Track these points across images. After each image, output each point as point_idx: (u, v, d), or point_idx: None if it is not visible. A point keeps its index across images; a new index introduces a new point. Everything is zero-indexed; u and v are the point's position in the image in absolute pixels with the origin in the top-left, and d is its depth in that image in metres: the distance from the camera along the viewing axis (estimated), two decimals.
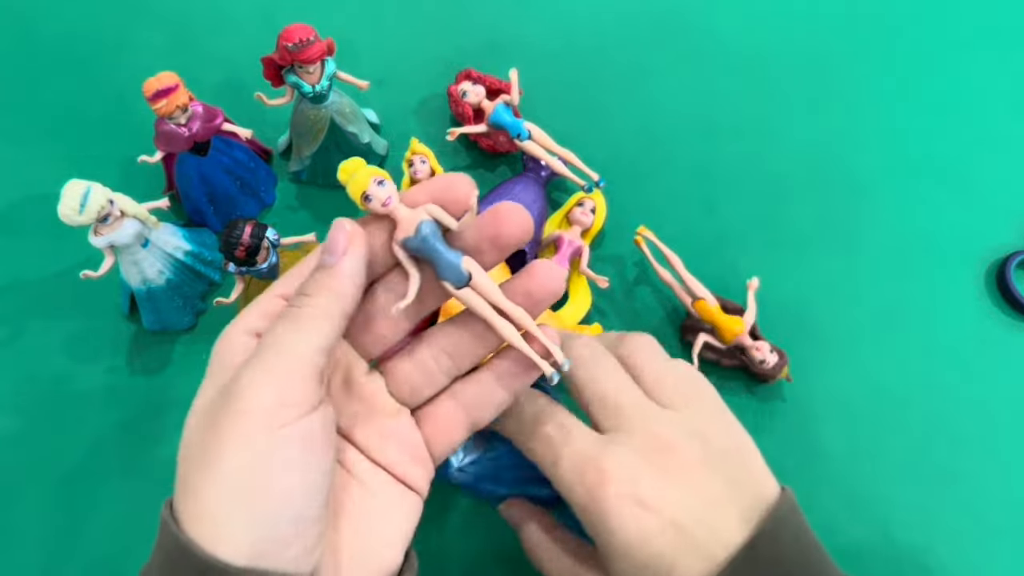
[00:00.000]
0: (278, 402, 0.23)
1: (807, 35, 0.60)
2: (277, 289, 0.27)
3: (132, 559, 0.42)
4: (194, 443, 0.24)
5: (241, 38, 0.58)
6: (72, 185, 0.39)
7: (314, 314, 0.25)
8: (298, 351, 0.24)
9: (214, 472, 0.22)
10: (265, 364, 0.24)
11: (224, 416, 0.23)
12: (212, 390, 0.25)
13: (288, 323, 0.25)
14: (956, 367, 0.47)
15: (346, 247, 0.26)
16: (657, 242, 0.47)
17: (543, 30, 0.60)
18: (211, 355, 0.26)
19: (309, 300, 0.25)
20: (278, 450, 0.23)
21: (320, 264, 0.26)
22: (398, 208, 0.27)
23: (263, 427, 0.23)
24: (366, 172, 0.27)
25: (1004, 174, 0.54)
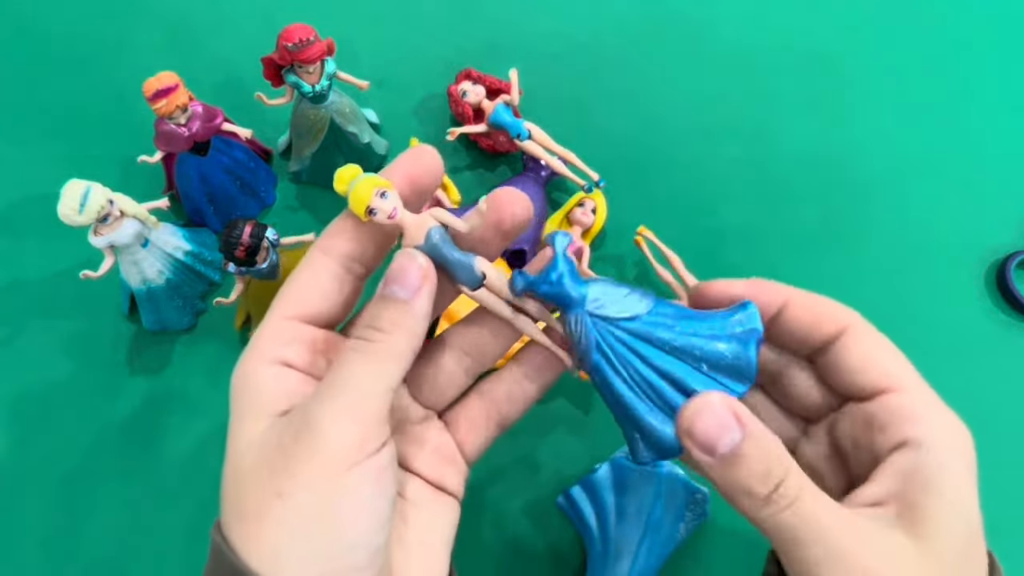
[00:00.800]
0: (355, 442, 0.23)
1: (807, 35, 0.60)
2: (283, 310, 0.26)
3: (132, 559, 0.43)
4: (255, 474, 0.23)
5: (241, 38, 0.58)
6: (72, 185, 0.39)
7: (389, 352, 0.24)
8: (373, 389, 0.23)
9: (285, 505, 0.22)
10: (345, 403, 0.23)
11: (299, 451, 0.22)
12: (257, 423, 0.24)
13: (363, 360, 0.24)
14: (956, 367, 0.47)
15: (420, 284, 0.25)
16: (657, 242, 0.47)
17: (543, 30, 0.59)
18: (232, 389, 0.25)
19: (383, 337, 0.24)
20: (352, 488, 0.22)
21: (387, 296, 0.25)
22: (405, 217, 0.26)
23: (341, 465, 0.22)
24: (367, 185, 0.25)
25: (1004, 174, 0.54)
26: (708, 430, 0.23)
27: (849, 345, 0.26)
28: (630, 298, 0.25)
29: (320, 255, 0.26)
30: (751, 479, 0.22)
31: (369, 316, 0.25)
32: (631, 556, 0.40)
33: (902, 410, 0.24)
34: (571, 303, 0.25)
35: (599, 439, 0.45)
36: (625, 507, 0.41)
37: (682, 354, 0.25)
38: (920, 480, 0.23)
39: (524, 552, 0.43)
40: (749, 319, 0.25)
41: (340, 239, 0.26)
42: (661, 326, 0.25)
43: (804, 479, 0.23)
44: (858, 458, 0.26)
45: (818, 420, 0.28)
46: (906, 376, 0.25)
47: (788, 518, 0.22)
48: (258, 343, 0.26)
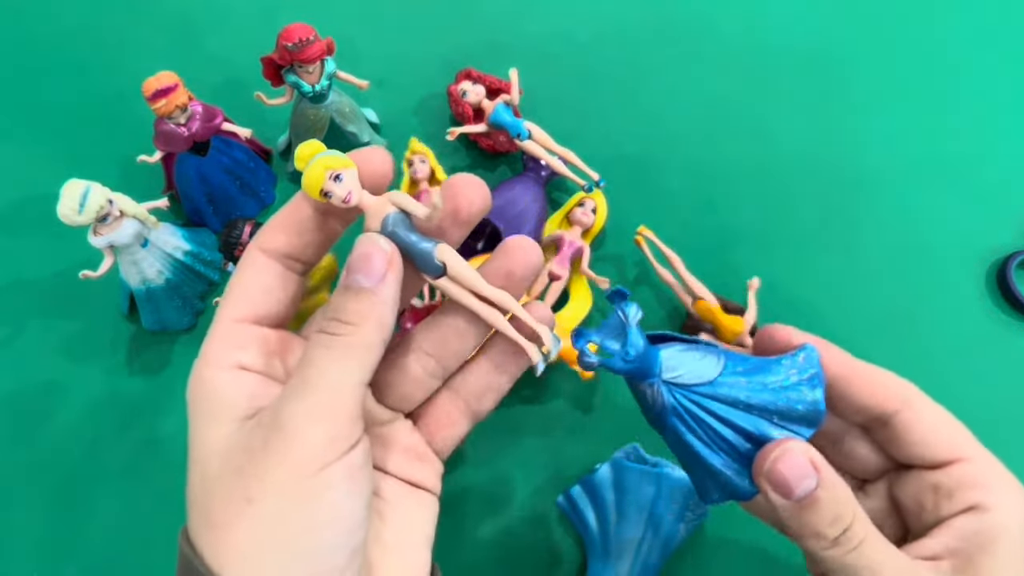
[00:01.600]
0: (327, 441, 0.22)
1: (807, 35, 0.60)
2: (231, 313, 0.25)
3: (131, 558, 0.43)
4: (223, 480, 0.23)
5: (241, 38, 0.58)
6: (71, 185, 0.39)
7: (357, 345, 0.23)
8: (344, 386, 0.23)
9: (256, 511, 0.22)
10: (311, 401, 0.22)
11: (266, 455, 0.22)
12: (220, 427, 0.24)
13: (330, 355, 0.23)
14: (957, 367, 0.47)
15: (385, 271, 0.24)
16: (657, 242, 0.47)
17: (543, 30, 0.59)
18: (190, 397, 0.25)
19: (351, 330, 0.23)
20: (326, 488, 0.22)
21: (351, 285, 0.24)
22: (363, 200, 0.25)
23: (313, 466, 0.22)
24: (320, 166, 0.24)
25: (1005, 174, 0.54)
26: (787, 475, 0.24)
27: (912, 421, 0.27)
28: (703, 362, 0.26)
29: (259, 253, 0.26)
30: (822, 523, 0.24)
31: (334, 308, 0.24)
32: (631, 556, 0.40)
33: (969, 479, 0.26)
34: (647, 374, 0.25)
35: (599, 439, 0.45)
36: (625, 507, 0.41)
37: (755, 410, 0.25)
38: (981, 540, 0.25)
39: (524, 552, 0.43)
40: (811, 362, 0.26)
41: (279, 236, 0.26)
42: (735, 386, 0.26)
43: (869, 525, 0.24)
44: (921, 518, 0.27)
45: (874, 480, 0.30)
46: (970, 446, 0.27)
47: (852, 559, 0.24)
48: (210, 348, 0.25)
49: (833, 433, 0.30)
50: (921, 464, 0.27)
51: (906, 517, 0.28)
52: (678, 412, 0.26)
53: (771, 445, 0.25)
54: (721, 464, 0.26)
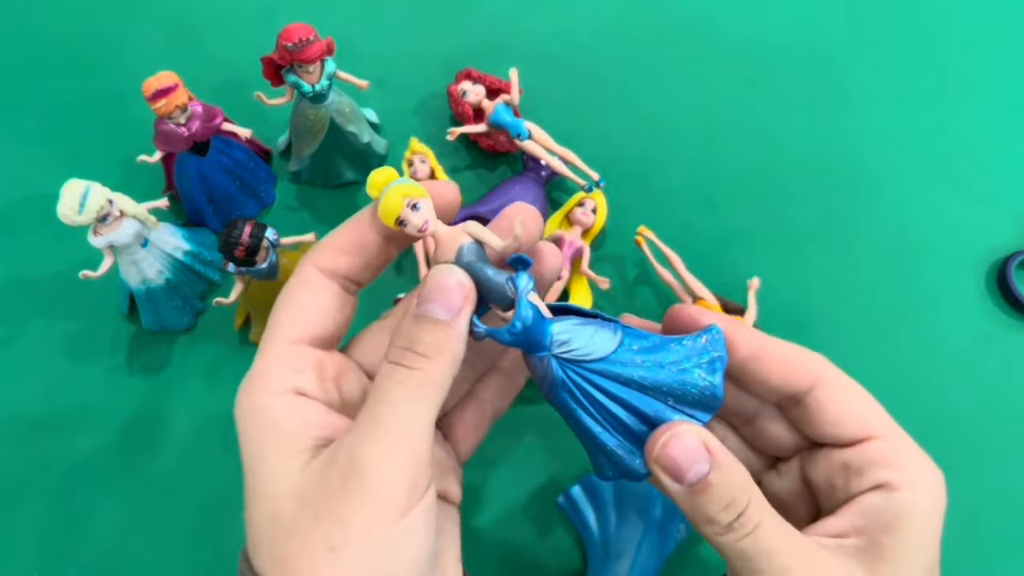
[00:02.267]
0: (409, 488, 0.22)
1: (808, 35, 0.60)
2: (287, 333, 0.25)
3: (132, 559, 0.43)
4: (300, 525, 0.22)
5: (241, 38, 0.58)
6: (71, 185, 0.39)
7: (431, 381, 0.23)
8: (419, 427, 0.22)
9: (339, 560, 0.21)
10: (393, 443, 0.22)
11: (349, 499, 0.21)
12: (288, 462, 0.23)
13: (406, 392, 0.22)
14: (957, 367, 0.47)
15: (462, 304, 0.23)
16: (657, 242, 0.47)
17: (543, 30, 0.59)
18: (244, 423, 0.24)
19: (425, 364, 0.23)
20: (407, 535, 0.22)
21: (425, 315, 0.23)
22: (438, 230, 0.24)
23: (395, 513, 0.21)
24: (398, 194, 0.24)
25: (1005, 174, 0.54)
26: (678, 459, 0.23)
27: (824, 399, 0.26)
28: (597, 337, 0.25)
29: (317, 273, 0.25)
30: (715, 508, 0.23)
31: (406, 338, 0.23)
32: (631, 556, 0.40)
33: (879, 457, 0.25)
34: (537, 348, 0.24)
35: None
36: (625, 507, 0.41)
37: (649, 391, 0.24)
38: (887, 519, 0.24)
39: (524, 552, 0.43)
40: (714, 345, 0.25)
41: (340, 258, 0.25)
42: (628, 364, 0.24)
43: (765, 508, 0.23)
44: (831, 497, 0.26)
45: (787, 459, 0.29)
46: (882, 423, 0.26)
47: (748, 545, 0.23)
48: (266, 369, 0.24)
49: (746, 412, 0.29)
50: (833, 442, 0.26)
51: (818, 496, 0.27)
52: (568, 388, 0.25)
53: (661, 428, 0.24)
54: (614, 445, 0.25)
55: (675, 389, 0.24)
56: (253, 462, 0.23)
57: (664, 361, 0.25)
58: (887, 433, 0.26)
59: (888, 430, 0.26)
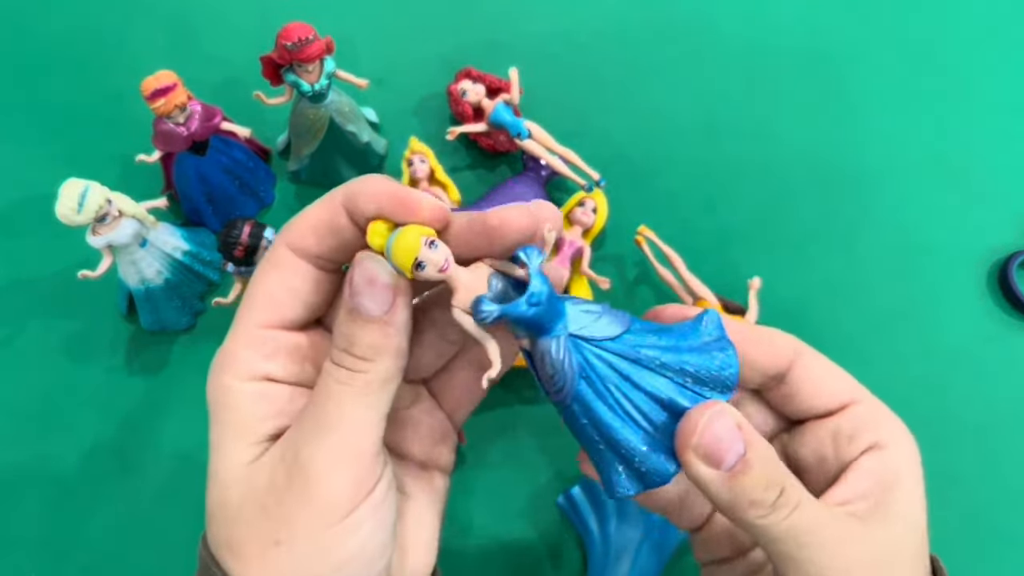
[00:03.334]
0: (352, 486, 0.22)
1: (808, 35, 0.60)
2: (257, 317, 0.24)
3: (131, 559, 0.42)
4: (246, 515, 0.22)
5: (240, 37, 0.57)
6: (70, 184, 0.39)
7: (375, 380, 0.22)
8: (365, 426, 0.22)
9: (285, 553, 0.21)
10: (337, 443, 0.22)
11: (293, 497, 0.21)
12: (241, 450, 0.23)
13: (350, 393, 0.22)
14: (958, 367, 0.47)
15: (394, 296, 0.22)
16: (658, 242, 0.47)
17: (543, 29, 0.59)
18: (211, 403, 0.23)
19: (367, 366, 0.22)
20: (352, 530, 0.22)
21: (358, 312, 0.22)
22: (458, 272, 0.22)
23: (339, 513, 0.21)
24: (415, 233, 0.21)
25: (1006, 174, 0.54)
26: (715, 443, 0.22)
27: (804, 374, 0.27)
28: (605, 318, 0.23)
29: (288, 253, 0.24)
30: (757, 488, 0.22)
31: (345, 339, 0.22)
32: (631, 556, 0.40)
33: (865, 419, 0.26)
34: (551, 327, 0.22)
35: None
36: (626, 507, 0.41)
37: (669, 371, 0.23)
38: (886, 477, 0.25)
39: (524, 552, 0.42)
40: (716, 327, 0.24)
41: (311, 237, 0.24)
42: (644, 345, 0.23)
43: (799, 483, 0.23)
44: (822, 470, 0.26)
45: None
46: (858, 389, 0.27)
47: (793, 522, 0.22)
48: (234, 352, 0.24)
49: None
50: (817, 414, 0.27)
51: (805, 474, 0.27)
52: (587, 375, 0.23)
53: (695, 411, 0.22)
54: (637, 440, 0.23)
55: (694, 369, 0.23)
56: (213, 444, 0.23)
57: (678, 343, 0.24)
58: (864, 398, 0.27)
59: (865, 395, 0.27)
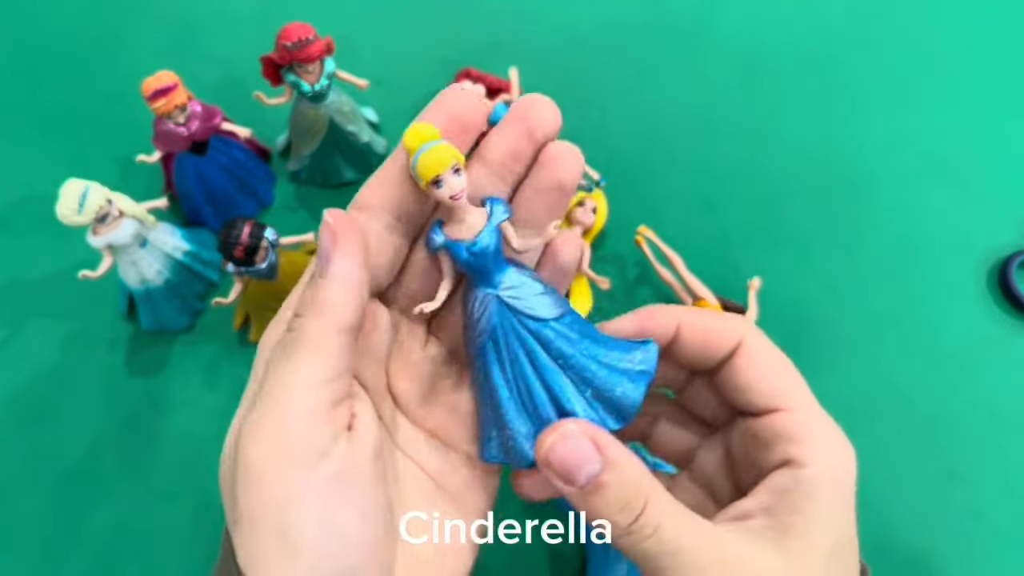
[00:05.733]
0: (281, 459, 0.21)
1: (808, 35, 0.60)
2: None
3: (131, 559, 0.42)
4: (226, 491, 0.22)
5: (240, 37, 0.58)
6: (70, 185, 0.39)
7: (306, 340, 0.22)
8: (295, 391, 0.21)
9: (248, 533, 0.21)
10: (259, 414, 0.21)
11: (237, 480, 0.21)
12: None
13: (281, 356, 0.22)
14: (958, 367, 0.47)
15: (332, 249, 0.22)
16: (658, 242, 0.47)
17: (543, 29, 0.59)
18: (257, 355, 0.24)
19: (300, 323, 0.22)
20: (300, 514, 0.21)
21: (313, 272, 0.22)
22: (466, 207, 0.23)
23: (272, 491, 0.21)
24: (447, 153, 0.22)
25: (1006, 174, 0.54)
26: (567, 460, 0.22)
27: (740, 363, 0.25)
28: (543, 299, 0.24)
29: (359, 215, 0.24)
30: (611, 510, 0.22)
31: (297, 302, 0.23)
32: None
33: (787, 430, 0.24)
34: (485, 281, 0.23)
35: None
36: None
37: (573, 373, 0.23)
38: (792, 498, 0.23)
39: (524, 552, 0.42)
40: (647, 360, 0.24)
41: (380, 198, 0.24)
42: (564, 338, 0.23)
43: (665, 504, 0.22)
44: (747, 470, 0.26)
45: (717, 430, 0.28)
46: (795, 394, 0.25)
47: (650, 546, 0.22)
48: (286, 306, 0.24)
49: (678, 380, 0.29)
50: (750, 411, 0.25)
51: (737, 470, 0.27)
52: (496, 337, 0.23)
53: (550, 428, 0.22)
54: (514, 416, 0.23)
55: (598, 383, 0.23)
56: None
57: (597, 354, 0.24)
58: (796, 406, 0.25)
59: (798, 403, 0.25)
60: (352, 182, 0.53)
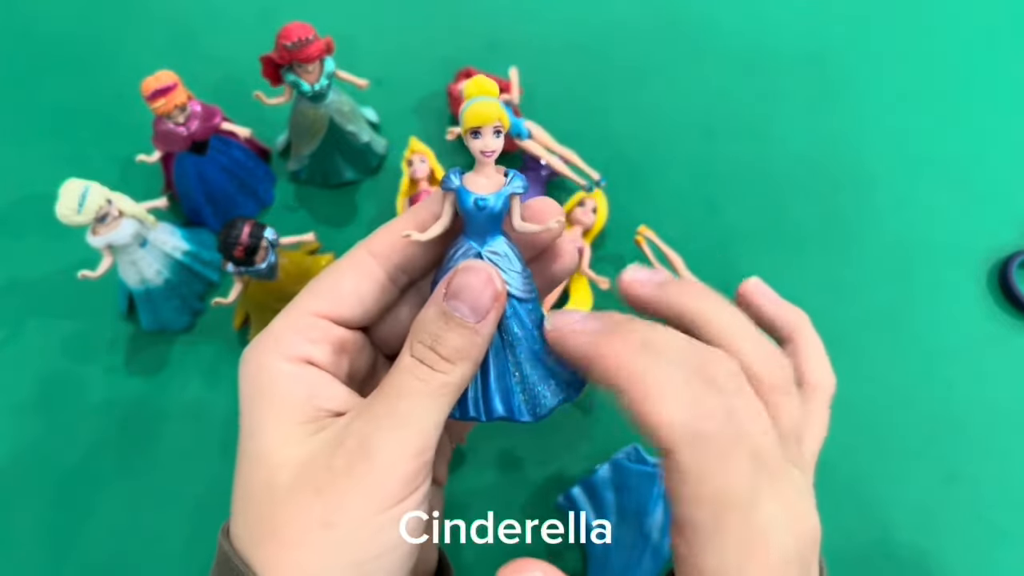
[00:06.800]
0: (411, 478, 0.22)
1: (808, 35, 0.60)
2: (316, 305, 0.24)
3: (131, 559, 0.42)
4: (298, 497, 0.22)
5: (239, 37, 0.57)
6: (70, 185, 0.39)
7: (453, 383, 0.23)
8: (434, 425, 0.22)
9: (332, 537, 0.21)
10: (404, 436, 0.22)
11: (351, 482, 0.21)
12: (287, 431, 0.23)
13: (426, 389, 0.22)
14: (958, 367, 0.47)
15: (492, 307, 0.23)
16: (658, 242, 0.47)
17: (543, 29, 0.59)
18: (248, 383, 0.23)
19: (448, 368, 0.22)
20: (396, 522, 0.22)
21: (453, 314, 0.22)
22: (491, 166, 0.25)
23: (394, 500, 0.22)
24: (496, 110, 0.24)
25: (1006, 174, 0.54)
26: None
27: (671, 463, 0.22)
28: (518, 277, 0.24)
29: (369, 258, 0.25)
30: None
31: (432, 336, 0.23)
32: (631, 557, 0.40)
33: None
34: (476, 236, 0.24)
35: (599, 439, 0.45)
36: (625, 507, 0.41)
37: (513, 353, 0.25)
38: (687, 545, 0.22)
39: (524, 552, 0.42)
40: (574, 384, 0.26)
41: (395, 246, 0.25)
42: (519, 320, 0.24)
43: None
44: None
45: None
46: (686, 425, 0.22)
47: None
48: (281, 334, 0.24)
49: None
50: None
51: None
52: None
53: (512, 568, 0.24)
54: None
55: (526, 373, 0.25)
56: (253, 424, 0.23)
57: (539, 350, 0.25)
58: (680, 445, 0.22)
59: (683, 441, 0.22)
60: (352, 182, 0.53)
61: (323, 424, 0.23)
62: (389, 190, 0.51)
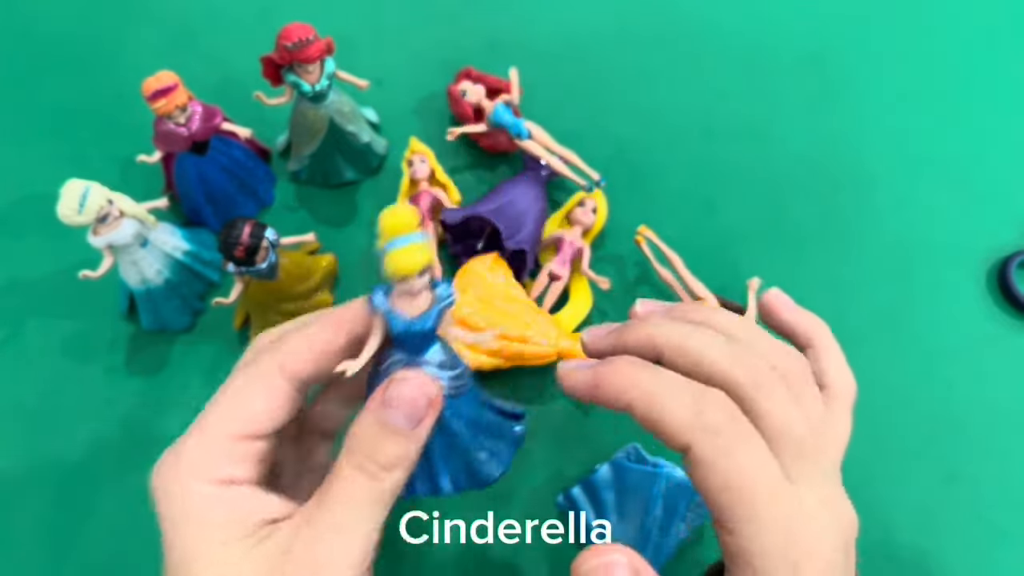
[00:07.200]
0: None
1: (808, 35, 0.60)
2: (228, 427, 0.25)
3: (131, 559, 0.42)
4: None
5: (240, 37, 0.58)
6: (71, 185, 0.39)
7: (391, 488, 0.24)
8: (375, 529, 0.24)
9: None
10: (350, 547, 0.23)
11: None
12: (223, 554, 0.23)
13: (368, 498, 0.23)
14: (958, 367, 0.47)
15: (426, 413, 0.24)
16: (658, 242, 0.47)
17: (543, 29, 0.59)
18: (162, 506, 0.24)
19: (387, 476, 0.24)
20: None
21: (389, 423, 0.23)
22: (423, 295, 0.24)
23: None
24: (420, 257, 0.23)
25: (1005, 174, 0.54)
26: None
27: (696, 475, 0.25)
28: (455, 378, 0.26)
29: (279, 376, 0.25)
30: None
31: (370, 447, 0.24)
32: None
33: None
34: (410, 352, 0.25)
35: (599, 439, 0.45)
36: (625, 507, 0.41)
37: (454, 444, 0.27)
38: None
39: (524, 552, 0.42)
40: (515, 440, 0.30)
41: (309, 361, 0.26)
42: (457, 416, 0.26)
43: None
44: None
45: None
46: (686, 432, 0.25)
47: None
48: (199, 459, 0.24)
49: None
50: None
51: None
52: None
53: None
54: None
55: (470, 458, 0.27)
56: (186, 553, 0.23)
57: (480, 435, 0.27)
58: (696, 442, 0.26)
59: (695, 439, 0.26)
60: (352, 182, 0.53)
61: (262, 535, 0.23)
62: (389, 190, 0.51)
